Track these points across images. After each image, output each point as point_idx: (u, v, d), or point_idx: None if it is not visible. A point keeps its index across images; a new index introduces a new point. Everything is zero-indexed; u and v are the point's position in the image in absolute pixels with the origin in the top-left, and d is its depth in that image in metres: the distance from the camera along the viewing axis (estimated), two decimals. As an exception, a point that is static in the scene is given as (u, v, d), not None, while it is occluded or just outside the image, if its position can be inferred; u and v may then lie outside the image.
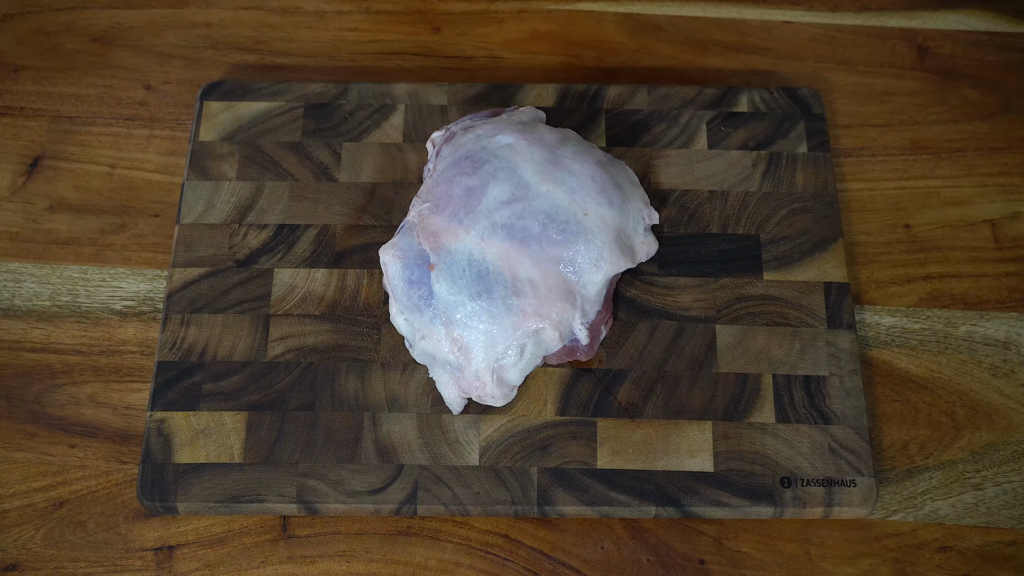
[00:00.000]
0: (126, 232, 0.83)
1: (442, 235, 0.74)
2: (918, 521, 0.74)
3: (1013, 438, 0.76)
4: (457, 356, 0.73)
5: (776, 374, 0.76)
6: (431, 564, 0.73)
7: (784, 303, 0.79)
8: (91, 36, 0.91)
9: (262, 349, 0.77)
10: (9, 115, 0.88)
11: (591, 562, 0.73)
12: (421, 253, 0.74)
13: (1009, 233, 0.83)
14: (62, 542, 0.73)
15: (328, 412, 0.75)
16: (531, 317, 0.73)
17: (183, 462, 0.73)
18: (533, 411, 0.75)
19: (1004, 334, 0.80)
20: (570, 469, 0.73)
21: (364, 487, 0.73)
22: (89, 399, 0.77)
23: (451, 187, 0.75)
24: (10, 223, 0.83)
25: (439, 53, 0.91)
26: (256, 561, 0.73)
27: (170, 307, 0.78)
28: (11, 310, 0.80)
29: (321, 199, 0.82)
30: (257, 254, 0.80)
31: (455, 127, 0.79)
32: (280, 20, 0.92)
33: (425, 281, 0.74)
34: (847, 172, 0.86)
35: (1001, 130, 0.87)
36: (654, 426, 0.75)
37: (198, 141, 0.84)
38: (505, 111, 0.80)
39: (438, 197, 0.75)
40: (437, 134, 0.80)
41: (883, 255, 0.82)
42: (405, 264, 0.74)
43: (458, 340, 0.73)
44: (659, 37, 0.92)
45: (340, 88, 0.86)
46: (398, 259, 0.75)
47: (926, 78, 0.90)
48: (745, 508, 0.73)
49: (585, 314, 0.74)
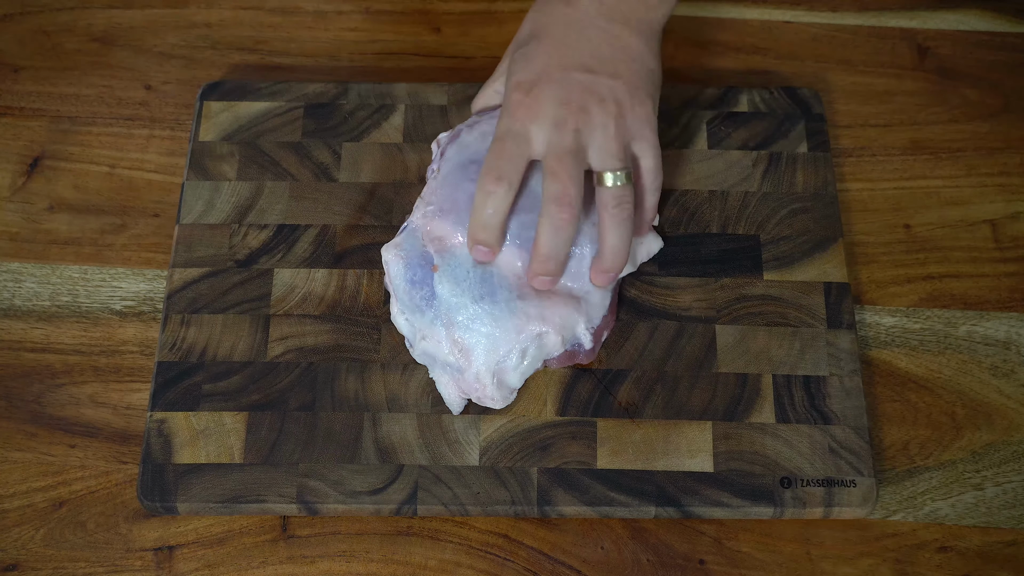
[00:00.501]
0: (126, 232, 0.83)
1: (447, 239, 0.74)
2: (918, 521, 0.74)
3: (1013, 438, 0.76)
4: (458, 358, 0.73)
5: (776, 374, 0.76)
6: (431, 564, 0.73)
7: (784, 303, 0.79)
8: (91, 36, 0.91)
9: (262, 349, 0.77)
10: (9, 115, 0.88)
11: (591, 562, 0.73)
12: (424, 254, 0.74)
13: (1009, 233, 0.83)
14: (62, 542, 0.73)
15: (328, 412, 0.75)
16: (534, 321, 0.73)
17: (183, 462, 0.73)
18: (533, 411, 0.75)
19: (1004, 334, 0.80)
20: (570, 469, 0.73)
21: (364, 487, 0.73)
22: (89, 399, 0.77)
23: (456, 192, 0.75)
24: (10, 223, 0.83)
25: (439, 53, 0.91)
26: (256, 561, 0.73)
27: (170, 307, 0.78)
28: (11, 310, 0.80)
29: (321, 199, 0.82)
30: (257, 254, 0.80)
31: (462, 127, 0.79)
32: (280, 20, 0.92)
33: (428, 282, 0.74)
34: (847, 172, 0.86)
35: (1001, 130, 0.87)
36: (654, 426, 0.75)
37: (198, 141, 0.84)
38: None
39: (443, 201, 0.75)
40: (444, 135, 0.80)
41: (883, 255, 0.82)
42: (407, 264, 0.74)
43: (459, 342, 0.73)
44: (659, 37, 0.92)
45: (340, 88, 0.86)
46: (400, 259, 0.74)
47: (926, 78, 0.90)
48: (745, 508, 0.72)
49: (590, 319, 0.74)
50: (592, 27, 0.73)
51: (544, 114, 0.71)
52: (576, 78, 0.72)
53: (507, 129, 0.72)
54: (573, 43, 0.72)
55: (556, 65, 0.72)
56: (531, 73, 0.72)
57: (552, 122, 0.71)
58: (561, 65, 0.72)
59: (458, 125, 0.80)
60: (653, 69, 0.75)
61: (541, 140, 0.71)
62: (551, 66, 0.72)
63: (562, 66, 0.72)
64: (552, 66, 0.72)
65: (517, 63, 0.74)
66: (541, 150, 0.72)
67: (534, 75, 0.72)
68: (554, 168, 0.71)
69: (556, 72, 0.72)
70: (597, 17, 0.73)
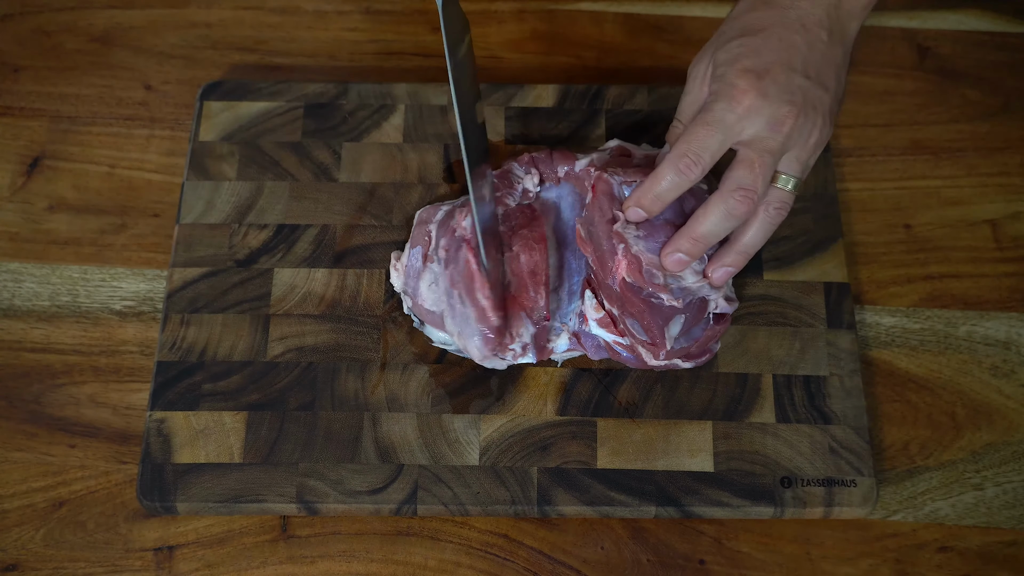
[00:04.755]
0: (126, 232, 0.83)
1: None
2: (918, 521, 0.74)
3: (1013, 438, 0.76)
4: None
5: (776, 374, 0.76)
6: (431, 564, 0.73)
7: (784, 303, 0.78)
8: (91, 36, 0.91)
9: (262, 349, 0.77)
10: (9, 115, 0.88)
11: (591, 562, 0.73)
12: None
13: (1009, 233, 0.83)
14: (62, 542, 0.73)
15: (328, 412, 0.75)
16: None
17: (183, 462, 0.73)
18: (533, 411, 0.75)
19: (1004, 334, 0.80)
20: (570, 469, 0.73)
21: (364, 487, 0.73)
22: (89, 399, 0.77)
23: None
24: (10, 223, 0.83)
25: (439, 53, 0.91)
26: (256, 561, 0.73)
27: (170, 307, 0.78)
28: (11, 310, 0.80)
29: (321, 199, 0.82)
30: (257, 254, 0.80)
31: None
32: (280, 20, 0.92)
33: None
34: (847, 172, 0.86)
35: (1001, 130, 0.87)
36: (654, 426, 0.75)
37: (198, 141, 0.84)
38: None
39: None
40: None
41: (883, 255, 0.82)
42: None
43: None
44: (659, 37, 0.92)
45: (340, 88, 0.86)
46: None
47: (926, 78, 0.90)
48: (745, 508, 0.72)
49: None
50: (810, 33, 0.73)
51: (765, 109, 0.70)
52: (798, 82, 0.71)
53: (721, 118, 0.70)
54: (795, 46, 0.72)
55: (782, 64, 0.71)
56: (761, 64, 0.71)
57: (769, 118, 0.70)
58: (787, 65, 0.71)
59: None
60: (844, 88, 0.75)
61: (751, 132, 0.71)
62: (777, 63, 0.71)
63: (788, 66, 0.71)
64: (778, 63, 0.71)
65: (739, 50, 0.72)
66: (746, 139, 0.71)
67: (763, 67, 0.71)
68: (753, 160, 0.70)
69: (781, 71, 0.71)
70: (815, 26, 0.73)
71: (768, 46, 0.72)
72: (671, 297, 0.72)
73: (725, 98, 0.71)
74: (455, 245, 0.74)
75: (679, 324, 0.73)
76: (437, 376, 0.76)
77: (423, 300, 0.75)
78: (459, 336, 0.73)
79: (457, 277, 0.73)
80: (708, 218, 0.71)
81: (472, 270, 0.73)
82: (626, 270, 0.72)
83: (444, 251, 0.75)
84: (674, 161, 0.71)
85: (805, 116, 0.71)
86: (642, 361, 0.74)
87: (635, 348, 0.74)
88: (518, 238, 0.76)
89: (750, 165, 0.70)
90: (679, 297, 0.73)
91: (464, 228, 0.74)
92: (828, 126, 0.73)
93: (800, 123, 0.71)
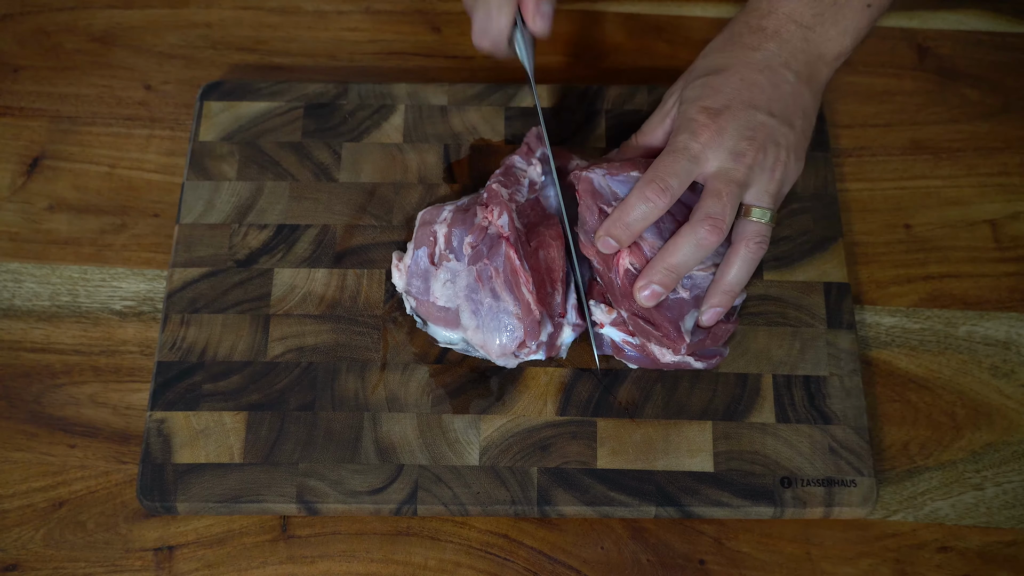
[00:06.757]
0: (126, 232, 0.83)
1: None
2: (918, 521, 0.74)
3: (1013, 438, 0.76)
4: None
5: (776, 374, 0.76)
6: (431, 564, 0.73)
7: (784, 303, 0.78)
8: (91, 36, 0.91)
9: (262, 349, 0.77)
10: (9, 115, 0.88)
11: (591, 562, 0.73)
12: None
13: (1009, 233, 0.83)
14: (62, 542, 0.73)
15: (328, 412, 0.75)
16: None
17: (183, 462, 0.73)
18: (533, 411, 0.75)
19: (1004, 334, 0.80)
20: (570, 469, 0.73)
21: (364, 487, 0.73)
22: (89, 399, 0.77)
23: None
24: (10, 223, 0.83)
25: (439, 53, 0.91)
26: (256, 561, 0.73)
27: (170, 307, 0.78)
28: (11, 310, 0.80)
29: (321, 199, 0.82)
30: (257, 254, 0.80)
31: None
32: (280, 20, 0.92)
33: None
34: (847, 172, 0.86)
35: (1001, 130, 0.87)
36: (654, 426, 0.75)
37: (198, 141, 0.84)
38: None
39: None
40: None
41: (883, 255, 0.82)
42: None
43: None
44: (659, 37, 0.92)
45: (340, 88, 0.86)
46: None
47: (926, 78, 0.90)
48: (745, 508, 0.72)
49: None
50: (776, 74, 0.76)
51: (725, 142, 0.74)
52: (759, 118, 0.74)
53: (685, 146, 0.74)
54: (759, 85, 0.75)
55: (742, 101, 0.75)
56: (719, 102, 0.75)
57: (731, 151, 0.74)
58: (747, 103, 0.75)
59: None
60: (813, 126, 0.78)
61: (715, 164, 0.74)
62: (737, 101, 0.75)
63: (748, 104, 0.75)
64: (738, 101, 0.75)
65: (700, 89, 0.76)
66: (711, 171, 0.74)
67: (721, 104, 0.75)
68: (719, 190, 0.73)
69: (741, 108, 0.74)
70: (780, 67, 0.76)
71: (730, 84, 0.75)
72: (680, 286, 0.74)
73: (687, 131, 0.74)
74: (489, 242, 0.74)
75: (693, 318, 0.75)
76: (437, 376, 0.76)
77: (435, 298, 0.75)
78: (480, 332, 0.73)
79: (492, 272, 0.73)
80: (679, 248, 0.73)
81: (516, 265, 0.74)
82: (628, 260, 0.74)
83: (470, 248, 0.75)
84: (642, 189, 0.73)
85: (765, 151, 0.74)
86: (654, 360, 0.75)
87: (645, 347, 0.74)
88: (534, 235, 0.76)
89: (717, 195, 0.73)
90: (687, 288, 0.74)
91: (500, 225, 0.75)
92: (796, 161, 0.76)
93: (761, 157, 0.74)
